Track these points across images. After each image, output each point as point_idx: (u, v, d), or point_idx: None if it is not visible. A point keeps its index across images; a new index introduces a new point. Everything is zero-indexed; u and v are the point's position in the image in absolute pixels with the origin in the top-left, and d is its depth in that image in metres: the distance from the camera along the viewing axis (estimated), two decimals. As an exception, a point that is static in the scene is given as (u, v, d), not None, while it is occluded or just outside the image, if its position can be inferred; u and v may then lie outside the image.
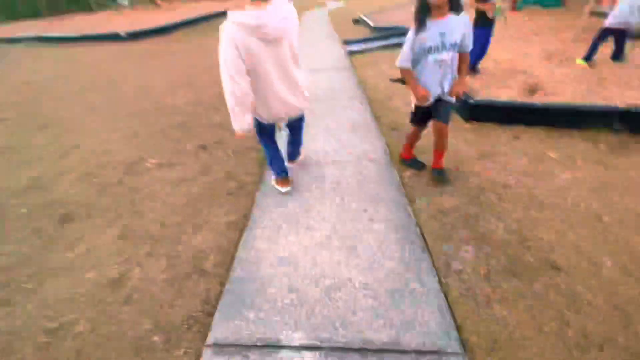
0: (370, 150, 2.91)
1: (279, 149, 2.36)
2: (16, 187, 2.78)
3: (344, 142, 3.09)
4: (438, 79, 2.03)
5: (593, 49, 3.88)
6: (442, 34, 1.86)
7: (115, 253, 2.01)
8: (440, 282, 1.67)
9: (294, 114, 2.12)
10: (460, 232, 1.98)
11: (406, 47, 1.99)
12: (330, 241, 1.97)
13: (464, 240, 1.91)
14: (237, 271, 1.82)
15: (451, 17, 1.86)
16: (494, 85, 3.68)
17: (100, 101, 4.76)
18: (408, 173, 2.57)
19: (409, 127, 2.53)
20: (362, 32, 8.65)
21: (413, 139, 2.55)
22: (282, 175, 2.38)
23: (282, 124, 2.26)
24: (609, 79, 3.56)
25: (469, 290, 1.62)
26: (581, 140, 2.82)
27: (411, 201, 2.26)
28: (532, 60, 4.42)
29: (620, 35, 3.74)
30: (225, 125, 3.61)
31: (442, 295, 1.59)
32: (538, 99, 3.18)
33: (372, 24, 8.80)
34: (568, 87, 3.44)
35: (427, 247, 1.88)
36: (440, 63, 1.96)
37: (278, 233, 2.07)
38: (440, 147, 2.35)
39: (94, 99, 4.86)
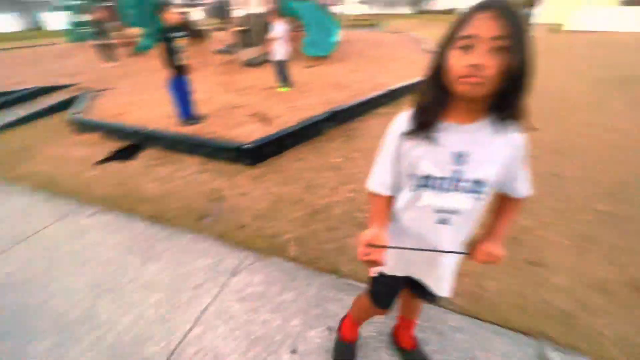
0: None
1: None
2: None
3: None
4: (436, 237, 0.91)
5: (285, 75, 4.77)
6: (458, 157, 0.80)
7: None
8: None
9: None
10: None
11: (381, 161, 0.91)
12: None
13: None
14: None
15: (486, 126, 0.77)
16: (230, 125, 3.58)
17: None
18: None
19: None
20: None
21: (363, 314, 1.32)
22: None
23: None
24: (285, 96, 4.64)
25: None
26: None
27: None
28: (220, 94, 4.72)
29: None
30: None
31: None
32: (278, 126, 3.52)
33: None
34: (280, 111, 4.08)
35: None
36: (445, 216, 0.87)
37: None
38: (411, 314, 1.33)
39: None
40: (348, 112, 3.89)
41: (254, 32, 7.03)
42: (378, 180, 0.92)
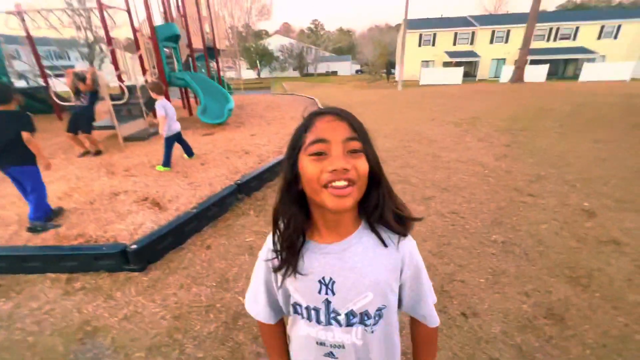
0: None
1: None
2: None
3: None
4: None
5: (168, 156, 4.18)
6: (326, 285, 0.64)
7: None
8: None
9: None
10: None
11: (254, 285, 0.75)
12: None
13: None
14: None
15: (357, 242, 0.64)
16: (109, 219, 2.87)
17: None
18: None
19: None
20: None
21: None
22: None
23: None
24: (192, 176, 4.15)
25: None
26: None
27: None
28: (96, 180, 3.89)
29: (179, 138, 4.37)
30: None
31: None
32: (175, 211, 3.02)
33: None
34: (177, 190, 3.55)
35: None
36: (330, 351, 0.69)
37: None
38: None
39: None
40: (255, 180, 3.67)
41: (134, 104, 6.40)
42: (254, 308, 0.76)
